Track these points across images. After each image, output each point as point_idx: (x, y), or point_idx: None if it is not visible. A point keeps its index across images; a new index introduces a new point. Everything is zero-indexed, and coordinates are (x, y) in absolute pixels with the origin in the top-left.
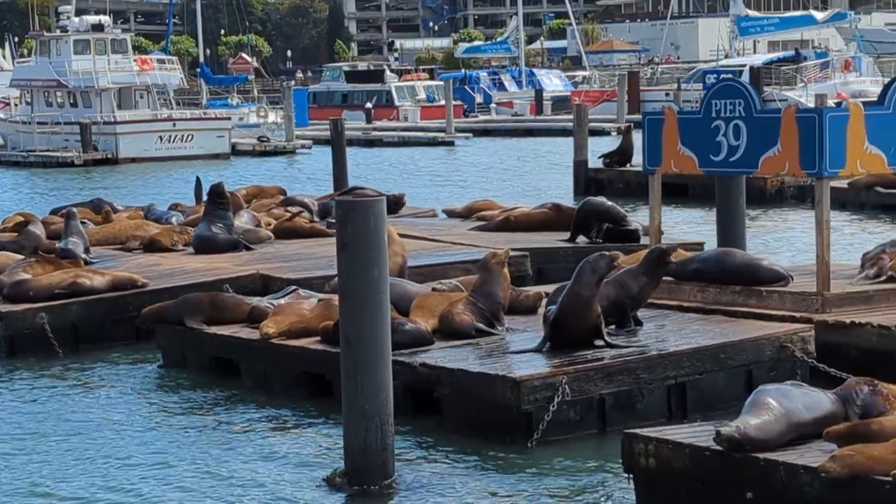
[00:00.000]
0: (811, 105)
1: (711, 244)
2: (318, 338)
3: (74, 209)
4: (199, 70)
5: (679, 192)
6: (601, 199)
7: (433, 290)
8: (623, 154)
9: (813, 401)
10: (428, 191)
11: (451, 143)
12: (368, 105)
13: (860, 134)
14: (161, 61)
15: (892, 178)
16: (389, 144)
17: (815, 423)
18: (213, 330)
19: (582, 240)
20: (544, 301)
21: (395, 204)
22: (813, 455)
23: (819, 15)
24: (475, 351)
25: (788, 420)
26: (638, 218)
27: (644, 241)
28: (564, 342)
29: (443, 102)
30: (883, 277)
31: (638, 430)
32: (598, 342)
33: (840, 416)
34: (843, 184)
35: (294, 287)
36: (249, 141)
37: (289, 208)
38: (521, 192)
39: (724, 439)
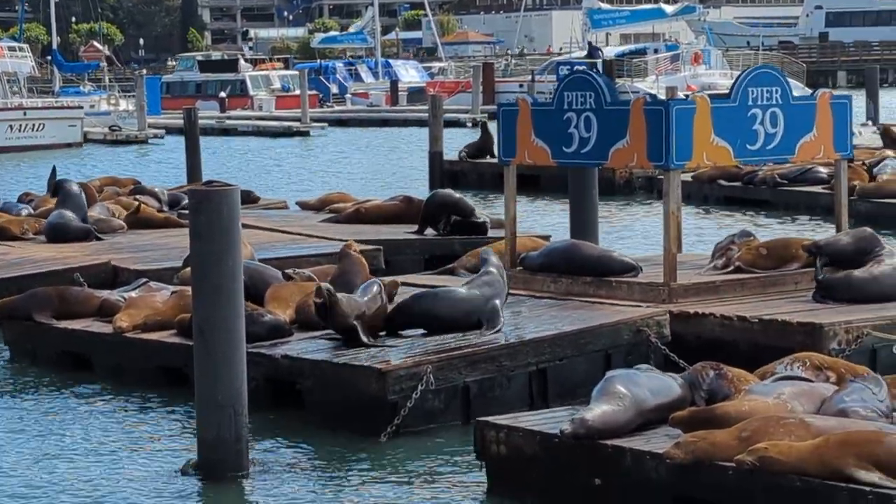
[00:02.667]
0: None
1: (562, 235)
2: (174, 331)
3: None
4: (50, 57)
5: (531, 183)
6: (449, 191)
7: (284, 273)
8: (484, 148)
9: (660, 386)
10: (282, 180)
11: (306, 133)
12: (222, 94)
13: (706, 127)
14: (12, 49)
15: (734, 172)
16: (244, 133)
17: (662, 409)
18: (64, 324)
19: (430, 232)
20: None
21: (247, 199)
22: (660, 441)
23: (668, 8)
24: (335, 341)
25: (636, 407)
26: (494, 209)
27: (499, 233)
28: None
29: (298, 92)
30: (731, 268)
31: (490, 419)
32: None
33: (687, 400)
34: (687, 177)
35: (145, 279)
36: (101, 130)
37: (137, 197)
38: (376, 182)
39: (569, 436)
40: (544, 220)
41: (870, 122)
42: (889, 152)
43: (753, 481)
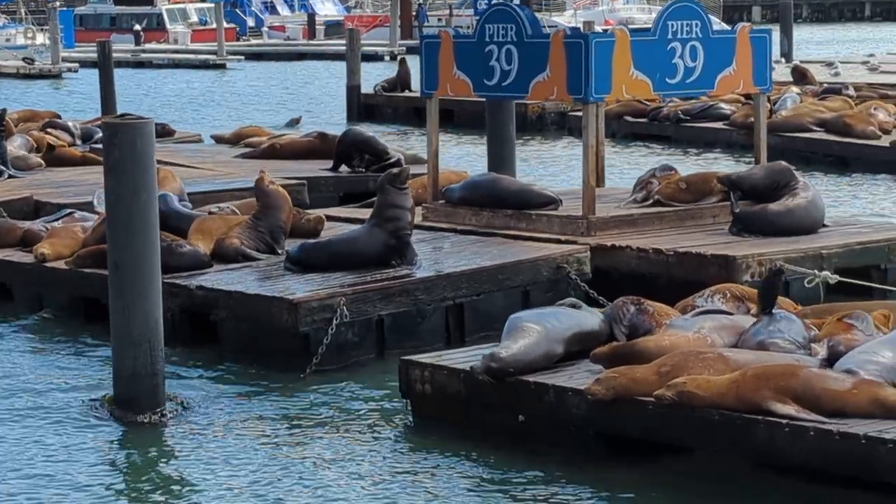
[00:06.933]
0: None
1: (477, 171)
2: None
3: None
4: None
5: (445, 117)
6: (360, 130)
7: (210, 213)
8: (401, 83)
9: (570, 318)
10: (198, 114)
11: (222, 66)
12: (137, 28)
13: (626, 59)
14: None
15: (640, 108)
16: (159, 66)
17: (576, 340)
18: None
19: (344, 169)
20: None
21: (162, 133)
22: (582, 377)
23: None
24: (253, 273)
25: (547, 339)
26: (409, 144)
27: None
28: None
29: (214, 25)
30: (650, 201)
31: (414, 357)
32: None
33: (602, 331)
34: None
35: (70, 210)
36: (14, 63)
37: (49, 130)
38: (293, 115)
39: (480, 372)
40: (459, 155)
41: (783, 59)
42: (794, 88)
43: (673, 416)
